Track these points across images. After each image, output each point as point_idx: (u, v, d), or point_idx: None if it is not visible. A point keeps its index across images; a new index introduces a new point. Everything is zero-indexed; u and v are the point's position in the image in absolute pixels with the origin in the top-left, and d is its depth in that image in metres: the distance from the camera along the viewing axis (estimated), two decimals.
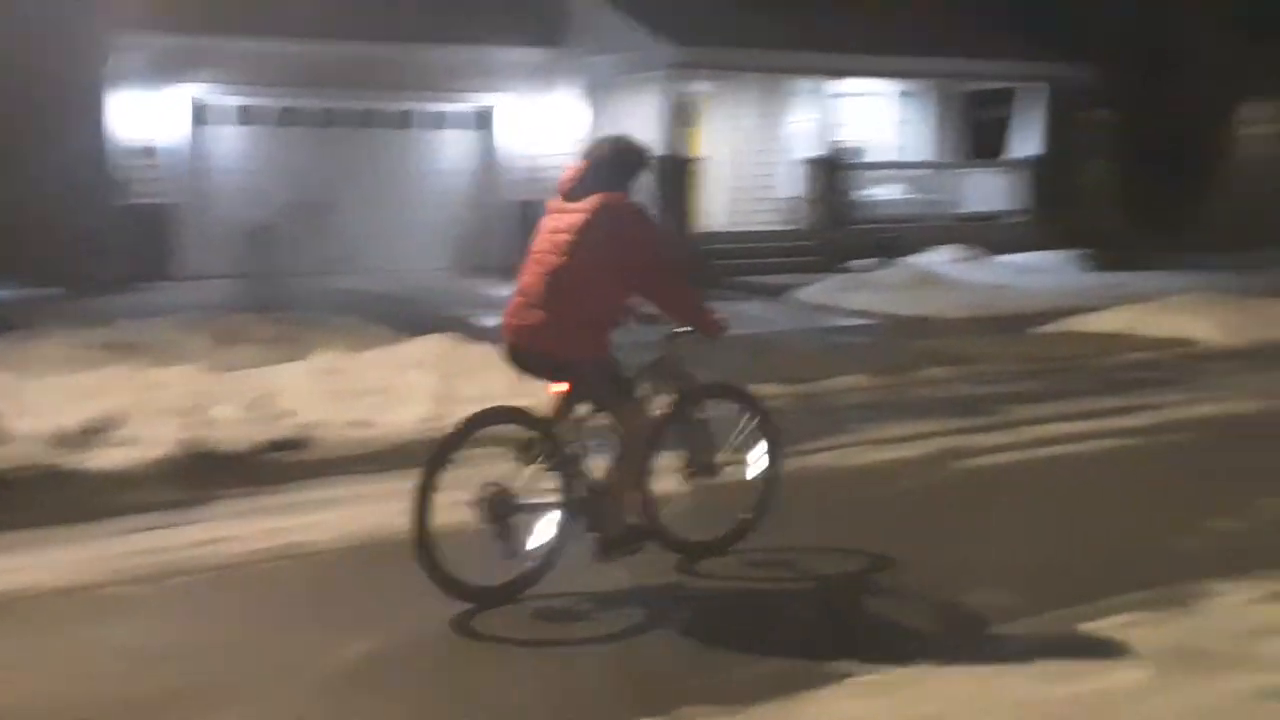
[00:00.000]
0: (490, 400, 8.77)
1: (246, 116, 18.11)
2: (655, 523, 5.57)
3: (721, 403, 5.86)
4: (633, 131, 5.66)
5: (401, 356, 9.66)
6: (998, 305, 14.80)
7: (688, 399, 5.64)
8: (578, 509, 5.27)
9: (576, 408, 5.28)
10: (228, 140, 18.05)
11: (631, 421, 5.33)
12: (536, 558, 5.21)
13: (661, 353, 5.62)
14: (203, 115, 17.64)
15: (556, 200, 5.25)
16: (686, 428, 5.66)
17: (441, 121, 20.12)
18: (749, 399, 5.95)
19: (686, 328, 5.49)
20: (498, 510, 5.08)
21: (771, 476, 5.88)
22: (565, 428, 5.24)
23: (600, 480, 5.33)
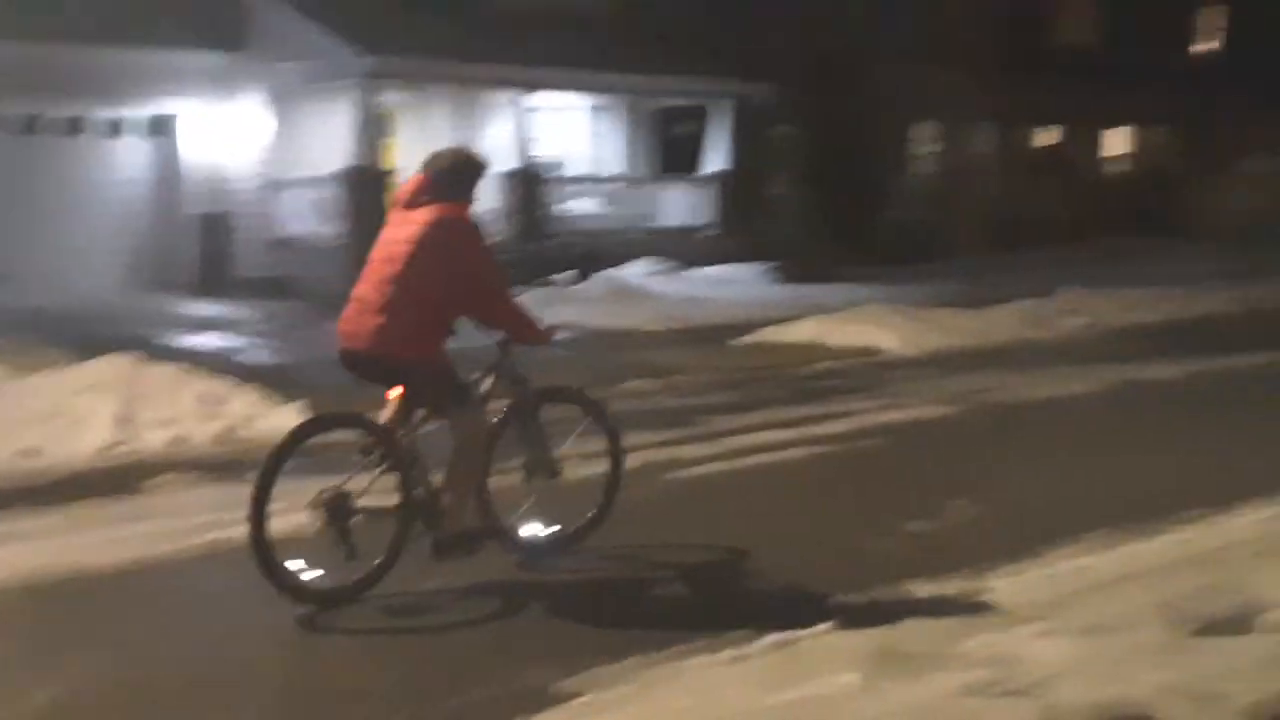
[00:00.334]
0: (179, 423, 8.23)
1: None
2: (496, 524, 5.76)
3: (558, 405, 6.07)
4: (324, 142, 5.60)
5: (75, 379, 8.99)
6: (696, 317, 15.11)
7: (524, 402, 5.83)
8: (416, 510, 5.42)
9: (412, 412, 5.45)
10: None
11: (466, 425, 5.46)
12: (376, 560, 5.32)
13: (496, 358, 5.78)
14: None
15: (398, 210, 5.45)
16: (524, 430, 5.85)
17: (117, 129, 19.01)
18: (586, 400, 6.19)
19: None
20: (336, 513, 5.22)
21: (612, 474, 6.13)
22: (401, 431, 5.40)
23: (437, 483, 5.46)
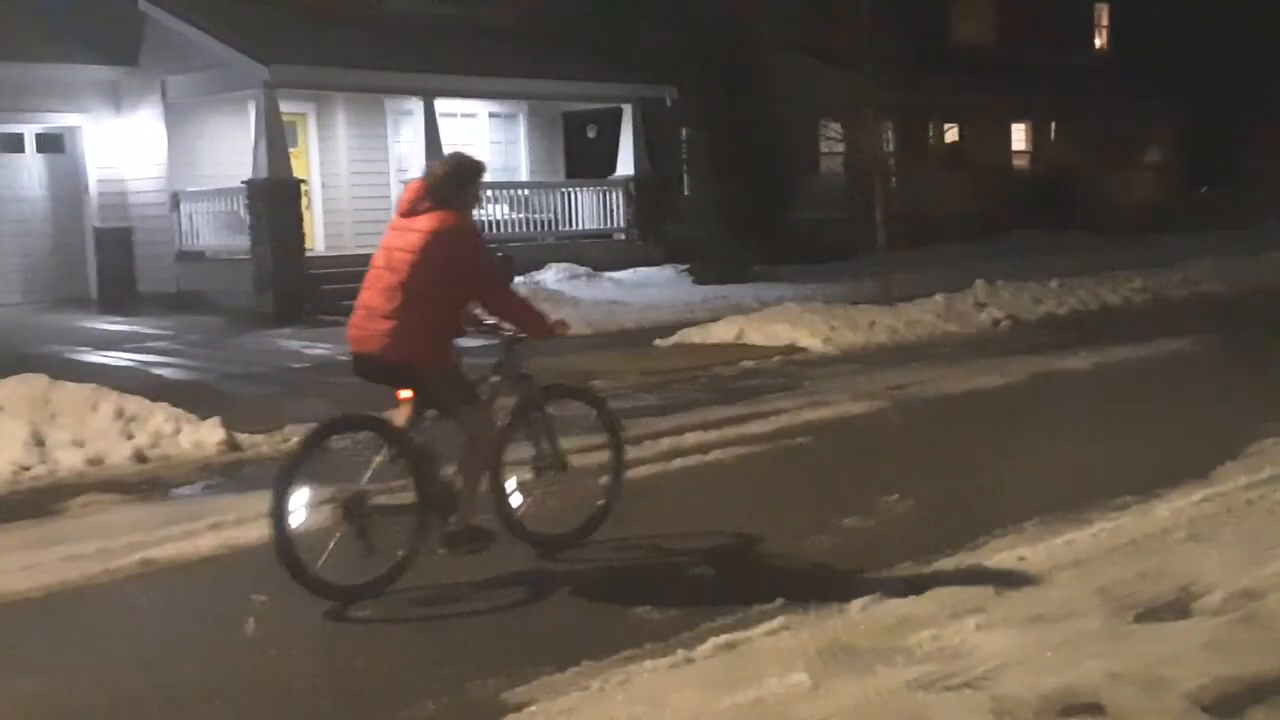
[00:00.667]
0: (94, 443, 8.03)
1: None
2: (510, 520, 5.96)
3: (565, 401, 6.27)
4: (227, 154, 5.58)
5: None
6: (616, 321, 15.09)
7: (532, 399, 6.00)
8: (431, 507, 5.59)
9: (424, 412, 5.61)
10: None
11: (475, 423, 5.67)
12: (395, 556, 5.48)
13: (502, 358, 5.94)
14: None
15: (397, 218, 5.62)
16: (532, 427, 6.03)
17: (11, 144, 18.52)
18: (591, 396, 6.49)
19: (522, 333, 5.86)
20: (355, 512, 5.39)
21: (615, 470, 6.31)
22: (413, 431, 5.57)
23: (449, 480, 5.67)
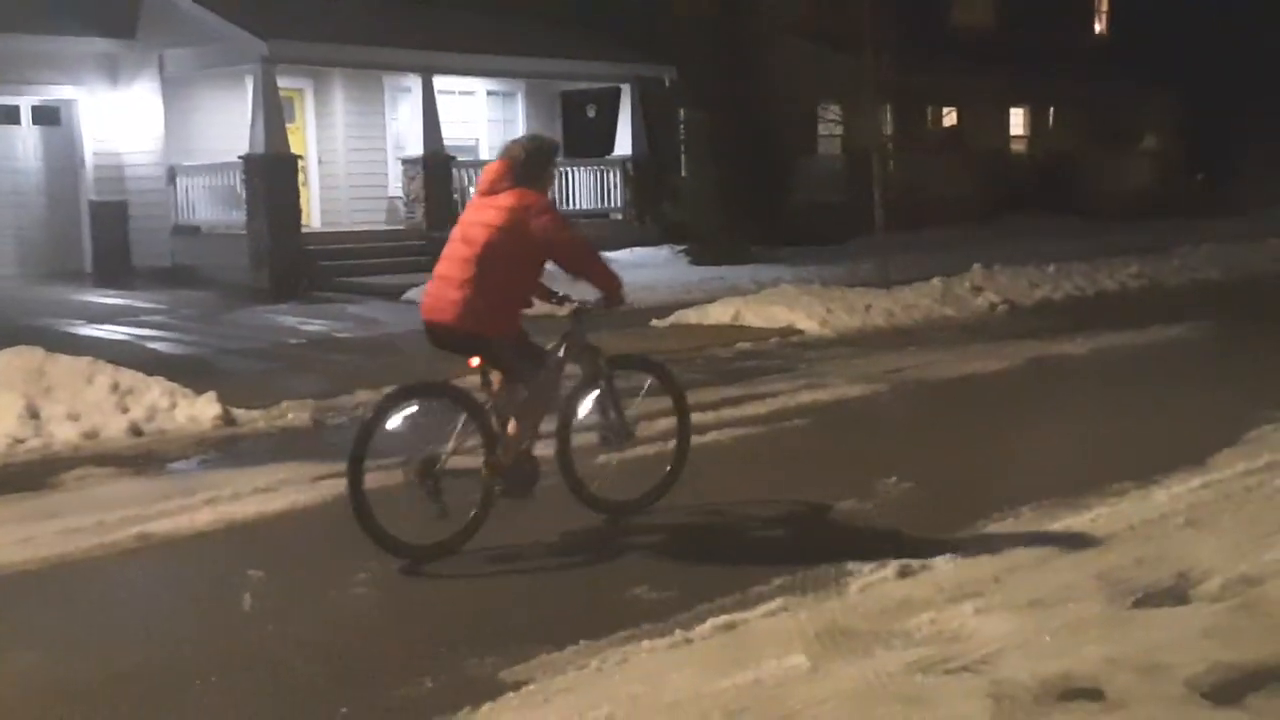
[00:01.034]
0: (89, 417, 8.01)
1: None
2: (579, 486, 6.24)
3: (630, 372, 6.49)
4: (224, 128, 5.60)
5: None
6: None
7: (598, 369, 6.20)
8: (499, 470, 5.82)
9: (492, 379, 5.88)
10: None
11: (542, 387, 5.96)
12: (466, 517, 5.73)
13: (569, 328, 6.13)
14: None
15: (477, 197, 5.92)
16: (599, 396, 6.24)
17: (7, 116, 18.44)
18: (656, 366, 6.67)
19: (588, 304, 6.09)
20: (427, 474, 5.64)
21: (681, 438, 6.53)
22: (482, 397, 5.85)
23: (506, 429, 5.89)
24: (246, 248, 17.46)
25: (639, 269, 18.24)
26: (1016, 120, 31.13)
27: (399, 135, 20.57)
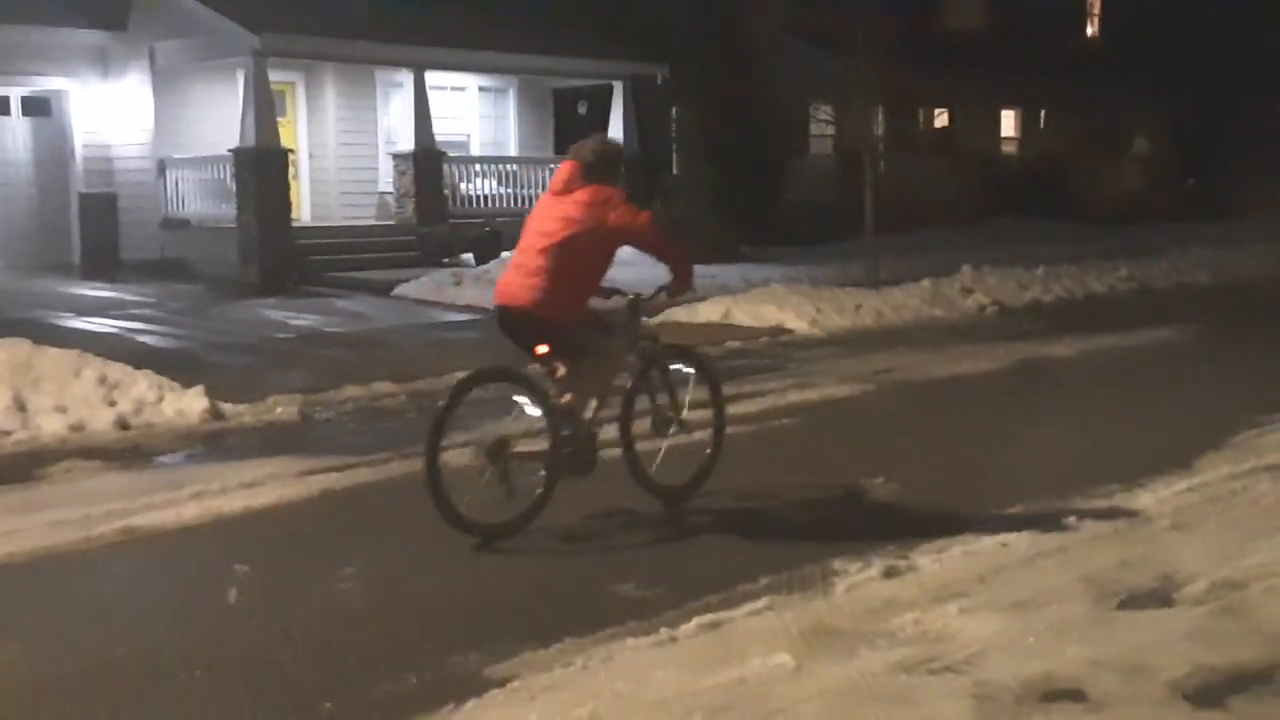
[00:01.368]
0: (77, 410, 7.99)
1: None
2: (639, 471, 6.51)
3: (678, 363, 6.75)
4: (215, 122, 5.62)
5: None
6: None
7: (655, 358, 6.53)
8: (564, 454, 6.08)
9: (559, 365, 6.14)
10: None
11: (611, 356, 6.30)
12: (531, 497, 5.98)
13: (625, 318, 6.42)
14: None
15: (549, 195, 6.21)
16: (654, 384, 6.57)
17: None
18: (699, 359, 7.01)
19: (642, 296, 6.42)
20: (497, 457, 5.87)
21: (718, 429, 6.83)
22: (549, 383, 6.14)
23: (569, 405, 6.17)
24: (236, 241, 17.42)
25: (629, 266, 18.09)
26: (1008, 123, 31.19)
27: (390, 130, 20.54)
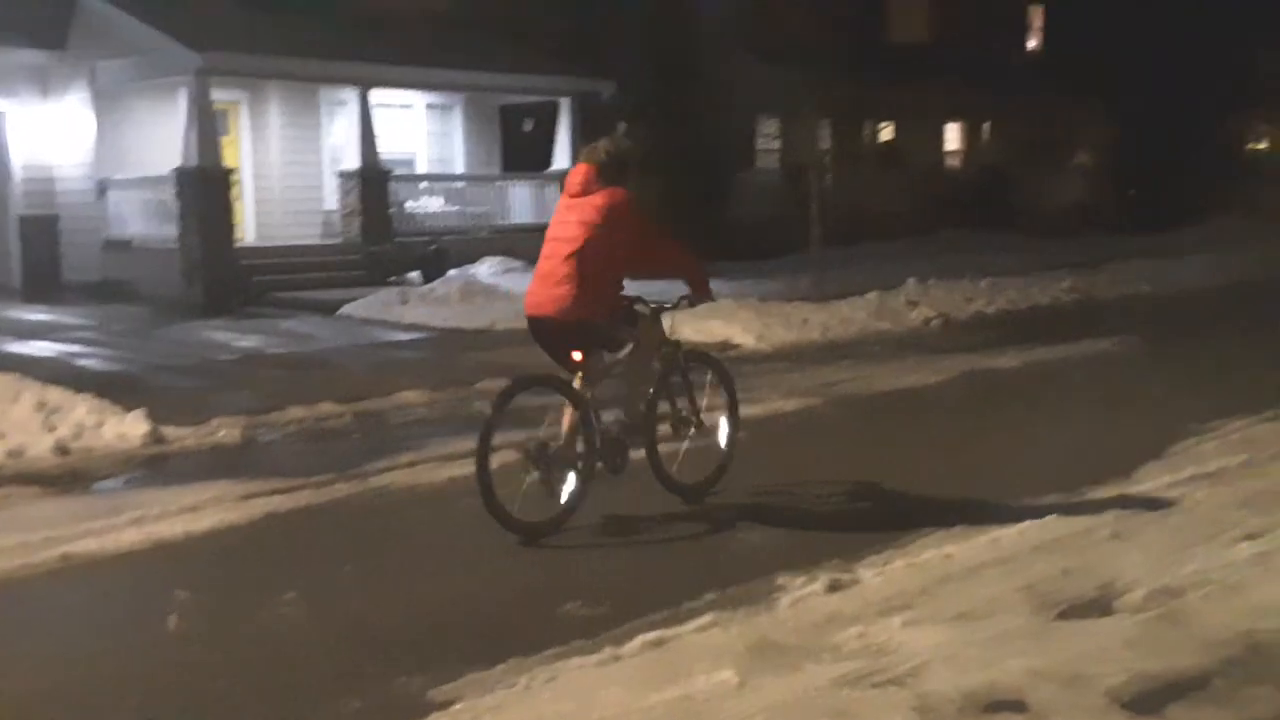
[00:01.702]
0: (14, 435, 7.89)
1: None
2: (661, 470, 6.77)
3: (697, 366, 7.03)
4: (157, 141, 5.54)
5: None
6: None
7: (676, 362, 6.78)
8: (599, 455, 6.41)
9: (593, 370, 6.41)
10: None
11: (645, 342, 6.57)
12: (571, 497, 6.30)
13: (649, 326, 6.64)
14: None
15: (565, 199, 6.37)
16: (674, 387, 6.82)
17: None
18: (715, 362, 7.27)
19: (665, 305, 6.70)
20: (538, 459, 6.15)
21: (733, 431, 7.14)
22: (585, 389, 6.38)
23: (616, 423, 6.60)
24: (179, 262, 17.26)
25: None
26: (952, 135, 31.51)
27: (335, 149, 20.44)
